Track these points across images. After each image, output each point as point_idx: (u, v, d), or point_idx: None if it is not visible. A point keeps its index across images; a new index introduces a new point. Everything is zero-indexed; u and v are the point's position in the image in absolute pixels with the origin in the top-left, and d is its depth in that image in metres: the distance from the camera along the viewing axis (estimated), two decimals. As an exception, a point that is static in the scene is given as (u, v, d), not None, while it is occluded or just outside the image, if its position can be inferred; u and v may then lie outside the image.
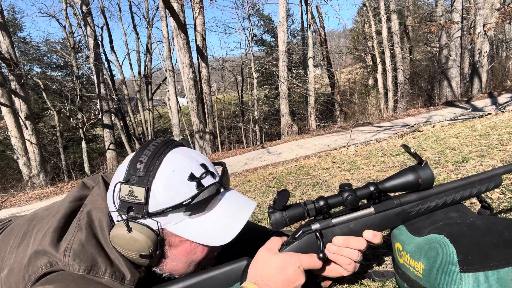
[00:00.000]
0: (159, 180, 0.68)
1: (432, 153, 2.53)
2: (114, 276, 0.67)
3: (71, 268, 0.65)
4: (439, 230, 0.70)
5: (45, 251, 0.68)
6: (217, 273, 0.75)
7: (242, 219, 0.73)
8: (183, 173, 0.70)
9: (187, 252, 0.74)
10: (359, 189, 0.78)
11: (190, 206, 0.68)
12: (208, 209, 0.72)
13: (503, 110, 5.45)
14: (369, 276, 0.95)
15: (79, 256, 0.66)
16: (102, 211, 0.73)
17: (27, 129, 10.42)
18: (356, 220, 0.78)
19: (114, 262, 0.69)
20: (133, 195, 0.67)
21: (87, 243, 0.68)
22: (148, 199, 0.67)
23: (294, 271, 0.70)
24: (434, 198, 0.78)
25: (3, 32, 9.92)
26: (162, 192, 0.68)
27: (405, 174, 0.78)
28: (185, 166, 0.71)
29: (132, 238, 0.67)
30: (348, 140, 7.62)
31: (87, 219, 0.72)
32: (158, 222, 0.69)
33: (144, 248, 0.68)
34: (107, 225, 0.72)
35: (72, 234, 0.70)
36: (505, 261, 0.64)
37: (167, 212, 0.68)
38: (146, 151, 0.71)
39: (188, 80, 9.83)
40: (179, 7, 9.48)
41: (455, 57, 12.40)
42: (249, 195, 2.54)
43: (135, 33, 20.70)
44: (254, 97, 17.85)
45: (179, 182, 0.69)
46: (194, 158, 0.74)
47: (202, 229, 0.70)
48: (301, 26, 17.85)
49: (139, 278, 0.71)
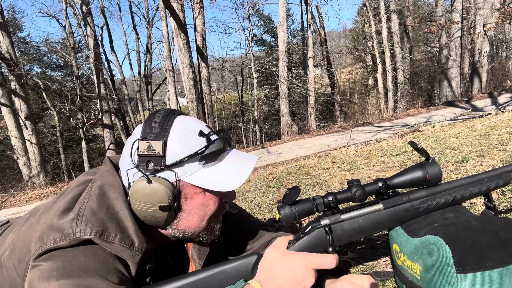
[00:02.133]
0: (174, 135, 0.74)
1: (432, 153, 2.53)
2: (123, 242, 0.69)
3: (82, 233, 0.67)
4: (435, 231, 0.70)
5: (56, 226, 0.69)
6: (228, 267, 0.76)
7: (248, 168, 0.78)
8: (194, 130, 0.77)
9: (201, 204, 0.78)
10: (368, 184, 0.78)
11: (204, 156, 0.74)
12: (219, 160, 0.77)
13: (503, 110, 5.45)
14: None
15: (91, 221, 0.68)
16: (112, 184, 0.76)
17: (27, 129, 10.42)
18: (365, 216, 0.78)
19: (124, 229, 0.71)
20: (152, 149, 0.72)
21: (98, 211, 0.70)
22: (166, 152, 0.73)
23: (301, 271, 0.70)
24: (443, 194, 0.79)
25: (3, 32, 9.92)
26: (177, 145, 0.74)
27: (413, 170, 0.78)
28: (194, 125, 0.79)
29: (152, 190, 0.71)
30: (348, 140, 7.62)
31: (98, 191, 0.74)
32: (176, 173, 0.73)
33: (164, 198, 0.72)
34: (120, 195, 0.75)
35: (82, 203, 0.72)
36: (501, 261, 0.64)
37: (184, 162, 0.73)
38: (157, 116, 0.77)
39: (188, 80, 9.83)
40: (179, 7, 9.48)
41: (455, 57, 12.40)
42: (249, 195, 2.54)
43: (135, 33, 20.70)
44: (254, 97, 17.86)
45: (191, 136, 0.76)
46: (199, 121, 0.83)
47: (214, 177, 0.75)
48: (301, 26, 17.85)
49: (147, 248, 0.73)
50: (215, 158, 0.76)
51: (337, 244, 0.78)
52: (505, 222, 0.70)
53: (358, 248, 1.18)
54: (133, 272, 0.71)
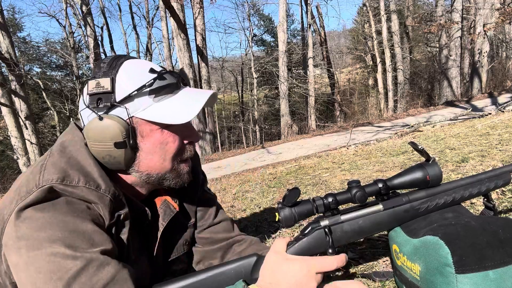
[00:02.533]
0: (122, 72, 0.73)
1: (432, 153, 2.53)
2: (88, 184, 0.68)
3: (44, 183, 0.65)
4: (434, 231, 0.70)
5: (22, 185, 0.68)
6: (227, 268, 0.77)
7: (201, 101, 0.76)
8: (144, 67, 0.76)
9: (160, 142, 0.76)
10: (368, 185, 0.78)
11: (153, 89, 0.73)
12: (172, 95, 0.76)
13: (503, 110, 5.45)
14: (369, 276, 0.95)
15: (50, 171, 0.68)
16: (73, 139, 0.75)
17: (27, 129, 10.42)
18: (365, 217, 0.78)
19: (88, 174, 0.69)
20: (100, 86, 0.72)
21: (59, 162, 0.70)
22: (114, 88, 0.72)
23: (304, 276, 0.69)
24: (442, 195, 0.79)
25: (3, 32, 9.92)
26: (126, 80, 0.73)
27: (413, 171, 0.78)
28: (145, 63, 0.77)
29: (104, 126, 0.70)
30: (348, 140, 7.61)
31: (59, 147, 0.73)
32: (127, 109, 0.72)
33: (117, 134, 0.71)
34: (81, 147, 0.73)
35: (44, 160, 0.72)
36: (501, 261, 0.64)
37: (133, 96, 0.72)
38: (106, 58, 0.77)
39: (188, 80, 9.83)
40: (179, 7, 9.48)
41: (455, 57, 12.39)
42: (249, 195, 2.55)
43: (135, 33, 20.72)
44: (254, 97, 17.87)
45: (141, 72, 0.74)
46: (151, 62, 0.80)
47: (166, 111, 0.73)
48: (301, 26, 17.86)
49: (115, 192, 0.71)
50: (167, 92, 0.75)
51: (337, 245, 0.78)
52: (504, 222, 0.70)
53: (358, 248, 1.18)
54: (107, 217, 0.69)
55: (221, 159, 9.40)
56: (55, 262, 0.60)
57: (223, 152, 12.33)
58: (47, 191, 0.65)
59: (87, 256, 0.62)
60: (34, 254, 0.61)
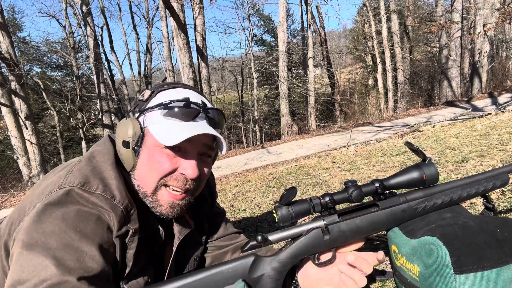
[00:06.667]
0: (166, 92, 0.82)
1: (432, 153, 2.53)
2: (104, 193, 0.72)
3: (66, 185, 0.71)
4: (432, 232, 0.70)
5: (49, 184, 0.74)
6: (225, 268, 0.77)
7: (197, 131, 0.75)
8: (184, 94, 0.81)
9: (154, 158, 0.78)
10: (365, 185, 0.78)
11: (167, 108, 0.77)
12: (181, 121, 0.77)
13: (503, 110, 5.45)
14: (369, 276, 0.95)
15: (75, 175, 0.73)
16: (102, 151, 0.81)
17: (27, 129, 10.41)
18: (362, 216, 0.78)
19: (107, 185, 0.74)
20: (143, 95, 0.83)
21: (84, 169, 0.75)
22: (150, 99, 0.81)
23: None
24: (440, 195, 0.79)
25: (3, 32, 9.91)
26: (160, 97, 0.80)
27: (409, 171, 0.79)
28: (190, 93, 0.83)
29: (125, 123, 0.79)
30: (348, 140, 7.61)
31: (88, 155, 0.79)
32: (144, 118, 0.79)
33: (126, 134, 0.78)
34: (108, 159, 0.78)
35: (74, 164, 0.78)
36: (499, 261, 0.64)
37: (153, 109, 0.78)
38: (175, 82, 0.87)
39: (188, 80, 9.82)
40: (179, 7, 9.47)
41: (455, 57, 12.39)
42: (249, 195, 2.54)
43: (135, 33, 20.70)
44: (254, 97, 17.86)
45: (175, 95, 0.80)
46: (200, 95, 0.87)
47: (164, 130, 0.76)
48: (301, 26, 17.84)
49: (128, 205, 0.74)
50: (178, 116, 0.76)
51: (334, 245, 0.78)
52: (502, 222, 0.70)
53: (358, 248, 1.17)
54: (116, 227, 0.70)
55: (221, 159, 9.40)
56: (36, 269, 0.62)
57: (223, 152, 12.28)
58: (65, 193, 0.69)
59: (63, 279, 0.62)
60: (26, 252, 0.64)
